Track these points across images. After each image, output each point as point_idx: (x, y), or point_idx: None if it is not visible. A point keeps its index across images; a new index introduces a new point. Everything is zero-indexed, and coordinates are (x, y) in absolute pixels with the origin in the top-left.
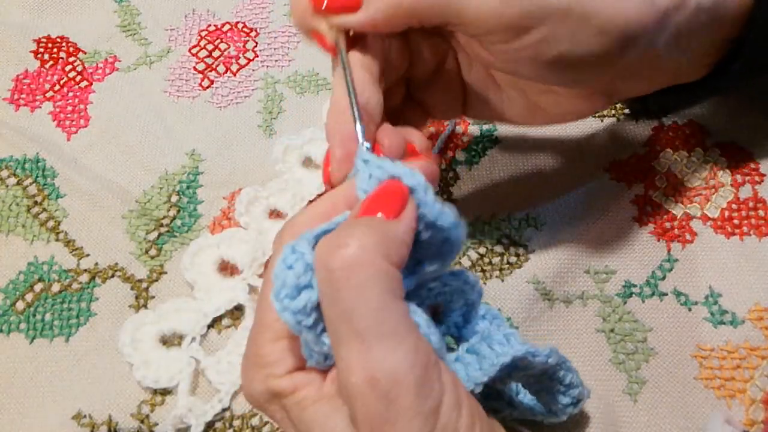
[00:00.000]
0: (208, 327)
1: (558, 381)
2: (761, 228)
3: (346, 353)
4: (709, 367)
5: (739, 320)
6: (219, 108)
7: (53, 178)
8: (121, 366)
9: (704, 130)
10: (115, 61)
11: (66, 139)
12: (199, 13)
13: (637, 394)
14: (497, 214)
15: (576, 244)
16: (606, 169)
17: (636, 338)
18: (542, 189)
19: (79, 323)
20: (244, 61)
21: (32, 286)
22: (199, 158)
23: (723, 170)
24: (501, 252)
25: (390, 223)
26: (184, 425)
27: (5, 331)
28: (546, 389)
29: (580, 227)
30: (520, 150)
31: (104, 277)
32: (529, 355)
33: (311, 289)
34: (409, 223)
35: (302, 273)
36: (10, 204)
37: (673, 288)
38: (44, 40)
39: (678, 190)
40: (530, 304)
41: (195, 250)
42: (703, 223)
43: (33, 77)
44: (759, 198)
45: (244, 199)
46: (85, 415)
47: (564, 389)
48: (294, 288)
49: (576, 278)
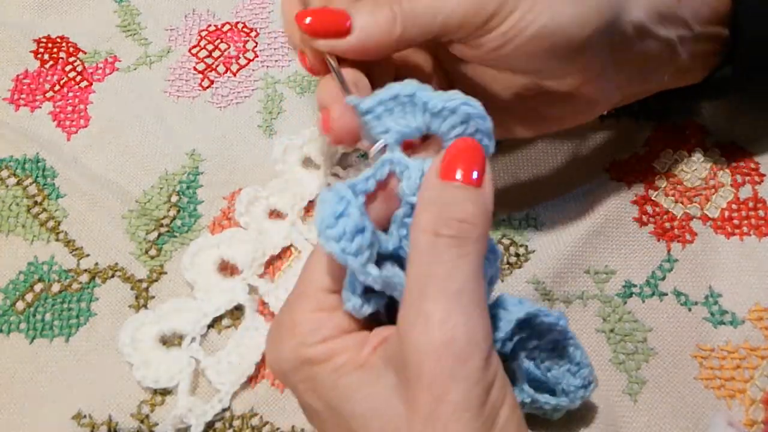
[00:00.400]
0: (208, 327)
1: (568, 358)
2: (761, 228)
3: (431, 308)
4: (709, 367)
5: (739, 320)
6: (219, 108)
7: (53, 178)
8: (121, 366)
9: (704, 130)
10: (115, 61)
11: (66, 139)
12: (199, 13)
13: (637, 394)
14: (497, 214)
15: (576, 244)
16: (606, 169)
17: (636, 338)
18: (542, 189)
19: (79, 323)
20: (244, 61)
21: (32, 286)
22: (199, 158)
23: (723, 170)
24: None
25: (485, 194)
26: (184, 425)
27: (5, 331)
28: (557, 366)
29: (580, 227)
30: (520, 150)
31: (104, 277)
32: (541, 314)
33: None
34: (491, 188)
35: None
36: (10, 204)
37: (673, 288)
38: (44, 40)
39: (678, 190)
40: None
41: (195, 250)
42: (703, 223)
43: (33, 77)
44: (759, 198)
45: (244, 199)
46: (85, 415)
47: (575, 369)
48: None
49: (576, 278)
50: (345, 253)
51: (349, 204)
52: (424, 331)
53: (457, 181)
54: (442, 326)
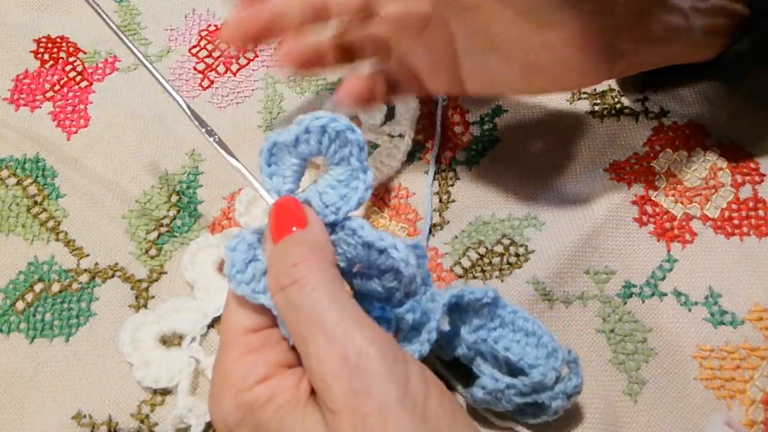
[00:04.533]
0: (208, 327)
1: (522, 331)
2: (761, 228)
3: (314, 349)
4: (709, 367)
5: (738, 321)
6: (219, 108)
7: (53, 178)
8: (121, 366)
9: (704, 130)
10: (115, 61)
11: (66, 139)
12: (199, 13)
13: (637, 395)
14: (497, 214)
15: (576, 244)
16: (606, 169)
17: (636, 338)
18: (542, 189)
19: (79, 323)
20: (244, 61)
21: (32, 286)
22: (199, 158)
23: (723, 170)
24: (501, 252)
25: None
26: (184, 425)
27: (5, 331)
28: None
29: (580, 227)
30: (520, 150)
31: (104, 277)
32: (466, 293)
33: (257, 261)
34: (317, 223)
35: (246, 250)
36: (10, 204)
37: (673, 288)
38: (44, 40)
39: (678, 190)
40: (530, 304)
41: (195, 250)
42: (703, 224)
43: (33, 77)
44: (759, 198)
45: (244, 199)
46: (85, 415)
47: (533, 340)
48: (242, 263)
49: (576, 278)
50: (255, 293)
51: (256, 250)
52: (320, 367)
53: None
54: (331, 356)
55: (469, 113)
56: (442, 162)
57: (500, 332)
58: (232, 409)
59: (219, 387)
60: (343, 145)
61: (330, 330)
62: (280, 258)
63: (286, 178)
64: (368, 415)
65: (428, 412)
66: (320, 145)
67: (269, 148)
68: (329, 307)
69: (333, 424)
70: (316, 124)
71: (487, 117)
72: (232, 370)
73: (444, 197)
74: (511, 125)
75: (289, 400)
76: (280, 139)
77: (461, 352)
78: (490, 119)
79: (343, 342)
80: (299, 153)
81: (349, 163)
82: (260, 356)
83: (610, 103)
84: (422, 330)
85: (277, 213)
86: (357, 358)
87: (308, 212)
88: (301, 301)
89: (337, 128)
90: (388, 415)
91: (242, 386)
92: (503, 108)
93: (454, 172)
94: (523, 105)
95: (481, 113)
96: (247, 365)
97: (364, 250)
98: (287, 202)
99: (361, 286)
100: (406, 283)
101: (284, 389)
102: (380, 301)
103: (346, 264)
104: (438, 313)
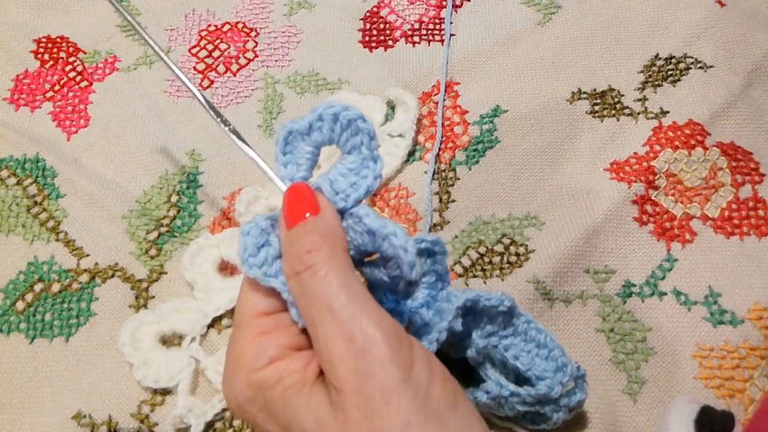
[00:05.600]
0: (208, 327)
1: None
2: (761, 228)
3: (323, 332)
4: (709, 366)
5: (738, 320)
6: (219, 108)
7: (53, 178)
8: (121, 366)
9: (704, 130)
10: (115, 61)
11: (66, 139)
12: (199, 13)
13: (637, 394)
14: (497, 214)
15: (576, 244)
16: (606, 169)
17: (635, 338)
18: (542, 189)
19: (79, 323)
20: (244, 61)
21: (32, 286)
22: (199, 158)
23: (723, 170)
24: (501, 252)
25: (322, 217)
26: (184, 425)
27: (5, 331)
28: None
29: (580, 227)
30: (520, 150)
31: (104, 277)
32: (482, 298)
33: (269, 246)
34: (330, 209)
35: (258, 235)
36: (10, 204)
37: (673, 288)
38: (44, 40)
39: (678, 190)
40: (530, 303)
41: (195, 250)
42: (702, 223)
43: (33, 77)
44: (759, 198)
45: (244, 199)
46: (85, 415)
47: (543, 352)
48: (254, 247)
49: (576, 278)
50: (267, 276)
51: (269, 235)
52: (328, 349)
53: (296, 224)
54: (338, 338)
55: (469, 113)
56: (442, 162)
57: (512, 341)
58: (243, 388)
59: (232, 366)
60: (354, 134)
61: (338, 313)
62: (294, 244)
63: (300, 166)
64: (371, 395)
65: (430, 397)
66: (332, 132)
67: (285, 136)
68: (338, 291)
69: (338, 403)
70: (329, 112)
71: (487, 117)
72: (244, 351)
73: (444, 197)
74: (511, 125)
75: (297, 381)
76: (294, 127)
77: (470, 354)
78: (490, 119)
79: (350, 325)
80: (312, 141)
81: (360, 152)
82: (271, 339)
83: (610, 103)
84: (433, 329)
85: (291, 198)
86: (363, 341)
87: (320, 198)
88: (313, 286)
89: (348, 117)
90: (390, 396)
91: (253, 367)
92: (503, 108)
93: (454, 172)
94: (523, 105)
95: (481, 113)
96: (258, 347)
97: (369, 237)
98: (300, 187)
99: (370, 276)
100: (406, 270)
101: (292, 371)
102: (388, 291)
103: (356, 252)
104: (451, 314)
